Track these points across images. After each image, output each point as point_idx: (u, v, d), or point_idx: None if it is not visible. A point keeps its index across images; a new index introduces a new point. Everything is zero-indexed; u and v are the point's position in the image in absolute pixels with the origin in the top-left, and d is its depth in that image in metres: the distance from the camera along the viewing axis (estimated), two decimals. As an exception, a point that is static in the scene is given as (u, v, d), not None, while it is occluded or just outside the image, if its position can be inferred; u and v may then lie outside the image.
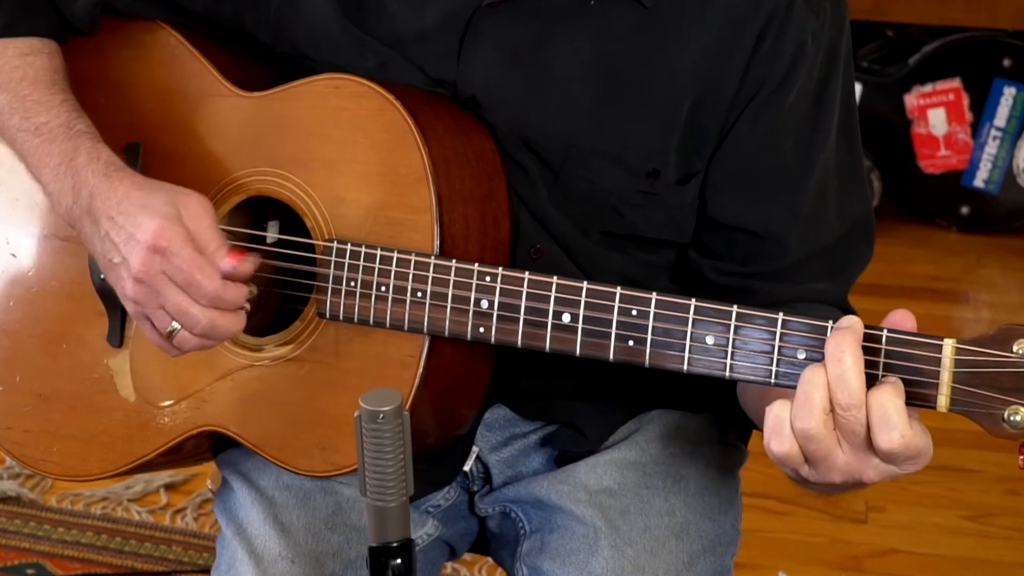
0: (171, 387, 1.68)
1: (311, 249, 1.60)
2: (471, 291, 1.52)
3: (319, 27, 1.65)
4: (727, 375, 1.43)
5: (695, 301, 1.44)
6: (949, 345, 1.35)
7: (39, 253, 1.75)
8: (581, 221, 1.64)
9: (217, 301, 1.53)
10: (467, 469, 1.76)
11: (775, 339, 1.41)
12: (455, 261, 1.52)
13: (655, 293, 1.46)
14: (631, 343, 1.47)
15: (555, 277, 1.49)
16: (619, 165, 1.61)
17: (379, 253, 1.55)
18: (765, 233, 1.62)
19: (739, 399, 1.63)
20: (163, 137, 1.69)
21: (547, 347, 1.50)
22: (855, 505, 3.09)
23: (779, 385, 1.42)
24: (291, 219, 1.64)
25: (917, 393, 1.36)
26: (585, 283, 1.48)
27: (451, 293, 1.52)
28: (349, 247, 1.57)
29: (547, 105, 1.60)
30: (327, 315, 1.59)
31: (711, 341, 1.44)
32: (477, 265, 1.52)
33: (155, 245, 1.52)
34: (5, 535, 3.00)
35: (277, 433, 1.63)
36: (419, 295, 1.54)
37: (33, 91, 1.66)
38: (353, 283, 1.57)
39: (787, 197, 1.62)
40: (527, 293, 1.50)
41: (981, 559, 2.98)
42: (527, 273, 1.50)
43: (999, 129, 4.42)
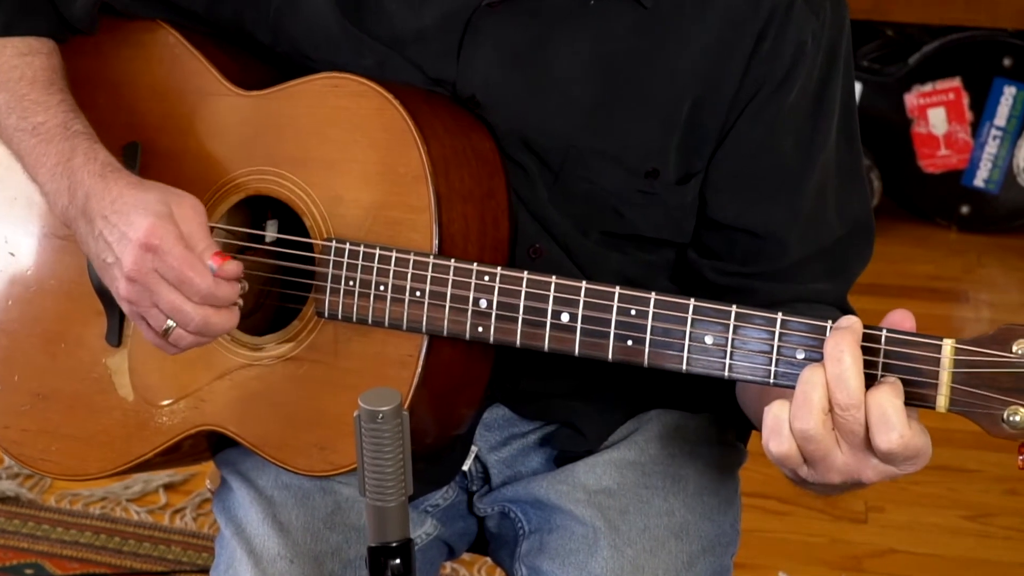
0: (170, 386, 1.68)
1: (310, 248, 1.59)
2: (470, 290, 1.52)
3: (318, 26, 1.65)
4: (726, 375, 1.43)
5: (694, 301, 1.44)
6: (948, 345, 1.35)
7: (37, 252, 1.75)
8: (581, 221, 1.64)
9: (209, 298, 1.53)
10: (466, 469, 1.75)
11: (774, 339, 1.41)
12: (454, 260, 1.52)
13: (654, 293, 1.46)
14: (630, 343, 1.46)
15: (554, 277, 1.49)
16: (619, 165, 1.60)
17: (378, 252, 1.55)
18: (765, 233, 1.62)
19: (738, 399, 1.63)
20: (162, 136, 1.69)
21: (546, 347, 1.50)
22: (855, 505, 3.09)
23: (778, 385, 1.41)
24: (290, 218, 1.63)
25: (916, 393, 1.36)
26: (584, 283, 1.48)
27: (450, 292, 1.52)
28: (348, 246, 1.57)
29: (547, 105, 1.60)
30: (326, 314, 1.58)
31: (710, 341, 1.44)
32: (476, 264, 1.51)
33: (147, 243, 1.52)
34: (4, 535, 2.99)
35: (276, 432, 1.62)
36: (418, 294, 1.53)
37: (31, 91, 1.66)
38: (352, 282, 1.57)
39: (787, 197, 1.62)
40: (526, 292, 1.50)
41: (980, 559, 2.97)
42: (526, 273, 1.50)
43: (999, 128, 4.41)
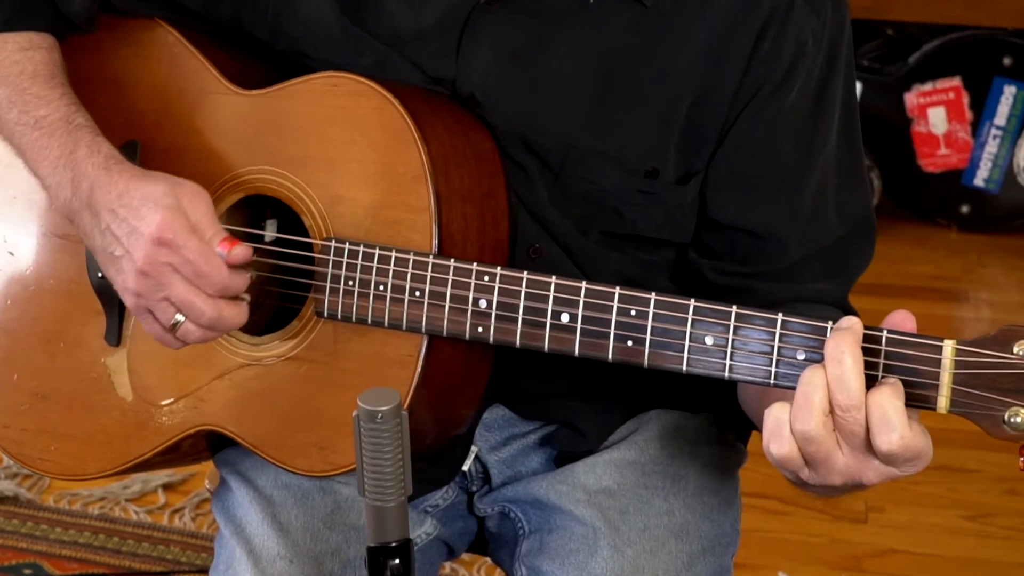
0: (169, 386, 1.67)
1: (309, 248, 1.59)
2: (470, 290, 1.51)
3: (317, 25, 1.64)
4: (726, 376, 1.43)
5: (694, 301, 1.44)
6: (949, 346, 1.35)
7: (37, 251, 1.75)
8: (580, 221, 1.63)
9: (224, 291, 1.53)
10: (466, 469, 1.75)
11: (774, 340, 1.41)
12: (453, 260, 1.52)
13: (654, 293, 1.45)
14: (630, 343, 1.46)
15: (554, 277, 1.49)
16: (618, 165, 1.60)
17: (377, 252, 1.55)
18: (765, 233, 1.62)
19: (739, 400, 1.63)
20: (161, 135, 1.69)
21: (546, 347, 1.50)
22: (855, 505, 3.09)
23: (778, 386, 1.41)
24: (289, 218, 1.63)
25: (917, 394, 1.35)
26: (584, 283, 1.48)
27: (449, 292, 1.52)
28: (347, 246, 1.57)
29: (546, 105, 1.60)
30: (325, 314, 1.58)
31: (710, 341, 1.43)
32: (476, 264, 1.51)
33: (160, 237, 1.52)
34: (2, 535, 2.99)
35: (275, 432, 1.62)
36: (417, 294, 1.53)
37: (32, 85, 1.66)
38: (351, 282, 1.56)
39: (787, 197, 1.62)
40: (526, 293, 1.50)
41: (980, 559, 2.97)
42: (526, 273, 1.50)
43: (999, 128, 4.41)
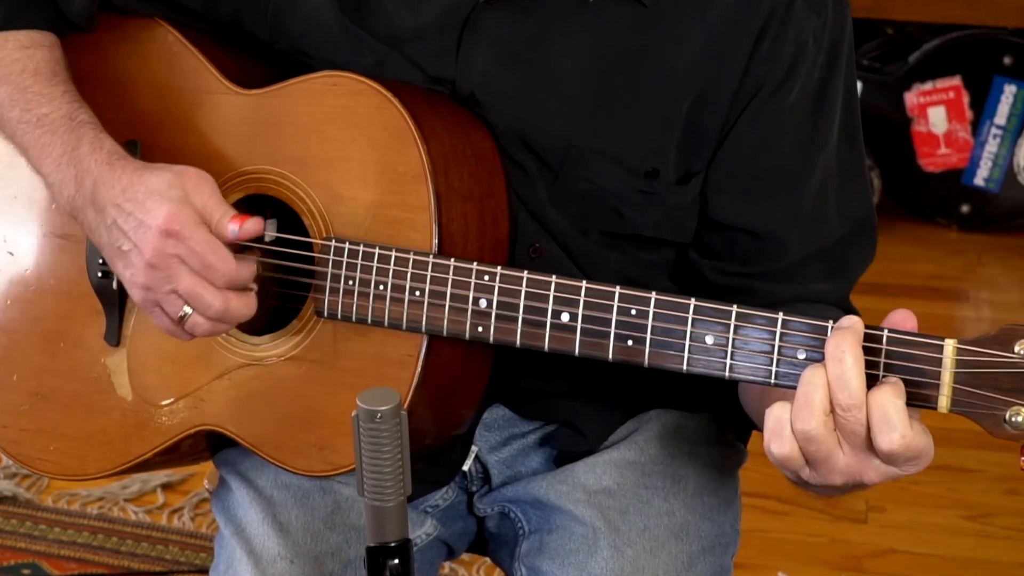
0: (169, 386, 1.67)
1: (309, 248, 1.59)
2: (470, 290, 1.51)
3: (317, 24, 1.64)
4: (727, 375, 1.43)
5: (695, 301, 1.43)
6: (950, 345, 1.35)
7: (37, 251, 1.75)
8: (580, 220, 1.63)
9: (232, 282, 1.53)
10: (466, 469, 1.75)
11: (775, 339, 1.41)
12: (454, 260, 1.52)
13: (654, 293, 1.45)
14: (630, 343, 1.46)
15: (554, 276, 1.48)
16: (618, 165, 1.60)
17: (377, 252, 1.55)
18: (765, 233, 1.62)
19: (740, 399, 1.62)
20: (160, 134, 1.69)
21: (546, 347, 1.49)
22: (855, 505, 3.09)
23: (779, 386, 1.41)
24: (289, 217, 1.63)
25: (918, 394, 1.35)
26: (584, 282, 1.47)
27: (449, 292, 1.52)
28: (347, 246, 1.56)
29: (546, 104, 1.60)
30: (325, 314, 1.58)
31: (711, 341, 1.43)
32: (476, 264, 1.51)
33: (168, 229, 1.52)
34: (1, 535, 2.99)
35: (275, 432, 1.62)
36: (417, 294, 1.53)
37: (34, 83, 1.66)
38: (351, 282, 1.56)
39: (787, 197, 1.61)
40: (526, 292, 1.49)
41: (981, 559, 2.97)
42: (526, 272, 1.50)
43: (999, 127, 4.41)
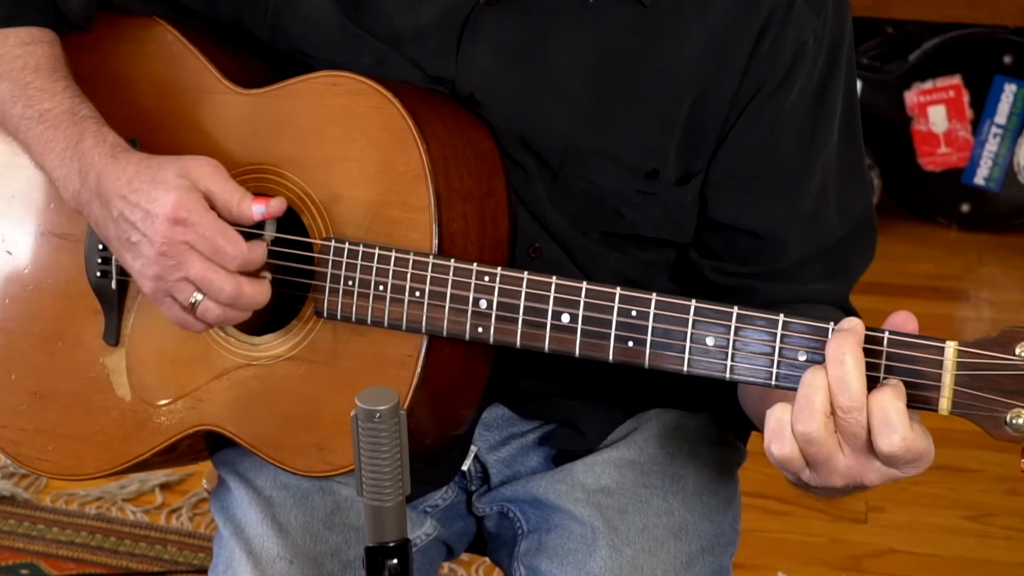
0: (167, 386, 1.67)
1: (309, 248, 1.59)
2: (470, 291, 1.51)
3: (317, 24, 1.64)
4: (727, 376, 1.43)
5: (695, 302, 1.43)
6: (951, 347, 1.34)
7: (35, 250, 1.74)
8: (580, 220, 1.63)
9: (245, 264, 1.53)
10: (465, 469, 1.75)
11: (775, 340, 1.40)
12: (453, 260, 1.52)
13: (655, 294, 1.45)
14: (630, 344, 1.46)
15: (554, 277, 1.48)
16: (618, 165, 1.60)
17: (377, 252, 1.55)
18: (765, 233, 1.62)
19: (740, 400, 1.62)
20: (160, 134, 1.68)
21: (546, 347, 1.49)
22: (855, 505, 3.08)
23: (780, 387, 1.41)
24: (289, 217, 1.63)
25: (918, 396, 1.35)
26: (584, 283, 1.47)
27: (449, 292, 1.52)
28: (347, 246, 1.56)
29: (546, 104, 1.60)
30: (325, 314, 1.58)
31: (711, 342, 1.43)
32: (476, 264, 1.51)
33: (176, 217, 1.52)
34: (-1, 535, 3.00)
35: (274, 433, 1.62)
36: (417, 294, 1.53)
37: (35, 79, 1.66)
38: (351, 282, 1.56)
39: (787, 197, 1.61)
40: (526, 293, 1.49)
41: (981, 559, 2.97)
42: (526, 273, 1.49)
43: (999, 126, 4.41)
